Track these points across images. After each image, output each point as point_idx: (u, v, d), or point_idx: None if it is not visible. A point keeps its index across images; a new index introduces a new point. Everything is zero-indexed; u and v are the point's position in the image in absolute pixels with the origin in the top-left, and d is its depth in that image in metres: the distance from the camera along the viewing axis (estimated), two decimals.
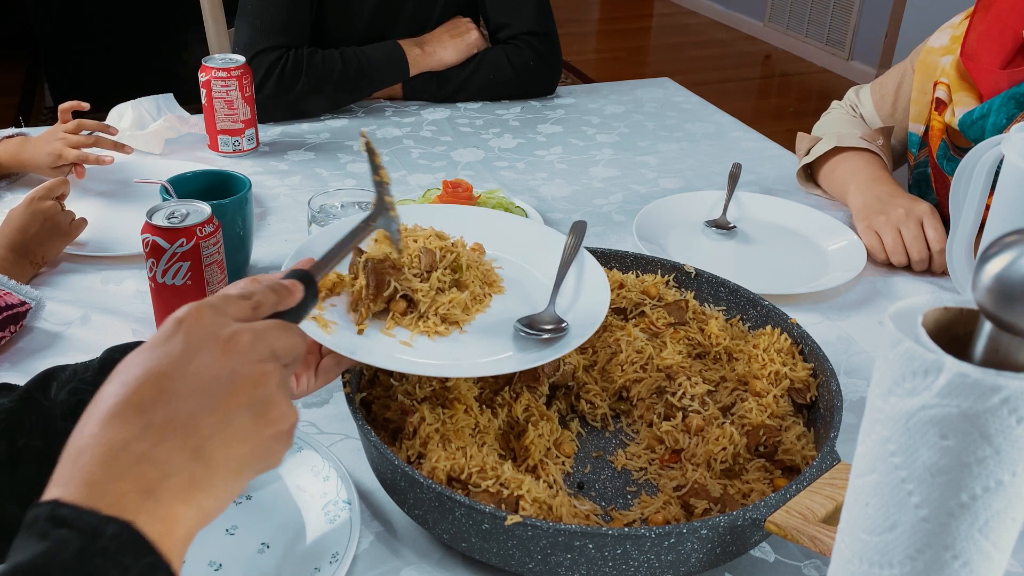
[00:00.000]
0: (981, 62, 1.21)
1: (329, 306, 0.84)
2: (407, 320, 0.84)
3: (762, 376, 0.89)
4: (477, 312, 0.86)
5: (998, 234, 0.38)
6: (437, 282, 0.85)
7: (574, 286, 0.91)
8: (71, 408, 0.65)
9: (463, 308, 0.85)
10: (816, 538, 0.66)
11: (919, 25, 3.94)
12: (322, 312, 0.82)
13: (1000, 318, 0.38)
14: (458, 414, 0.81)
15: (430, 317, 0.84)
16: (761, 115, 4.29)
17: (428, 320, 0.83)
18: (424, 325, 0.83)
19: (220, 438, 0.48)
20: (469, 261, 0.88)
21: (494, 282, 0.90)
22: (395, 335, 0.82)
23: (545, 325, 0.84)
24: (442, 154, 1.57)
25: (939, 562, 0.41)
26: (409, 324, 0.84)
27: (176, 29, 3.37)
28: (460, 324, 0.84)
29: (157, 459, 0.45)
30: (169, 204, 1.00)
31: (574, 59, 4.91)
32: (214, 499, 0.48)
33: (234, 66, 1.46)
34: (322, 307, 0.83)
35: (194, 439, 0.47)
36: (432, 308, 0.84)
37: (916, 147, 1.37)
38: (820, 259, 1.25)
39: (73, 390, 0.66)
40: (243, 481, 0.50)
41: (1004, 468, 0.39)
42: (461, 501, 0.68)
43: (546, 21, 1.77)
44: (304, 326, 0.77)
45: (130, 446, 0.46)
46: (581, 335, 0.82)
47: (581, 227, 0.96)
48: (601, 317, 0.85)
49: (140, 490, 0.44)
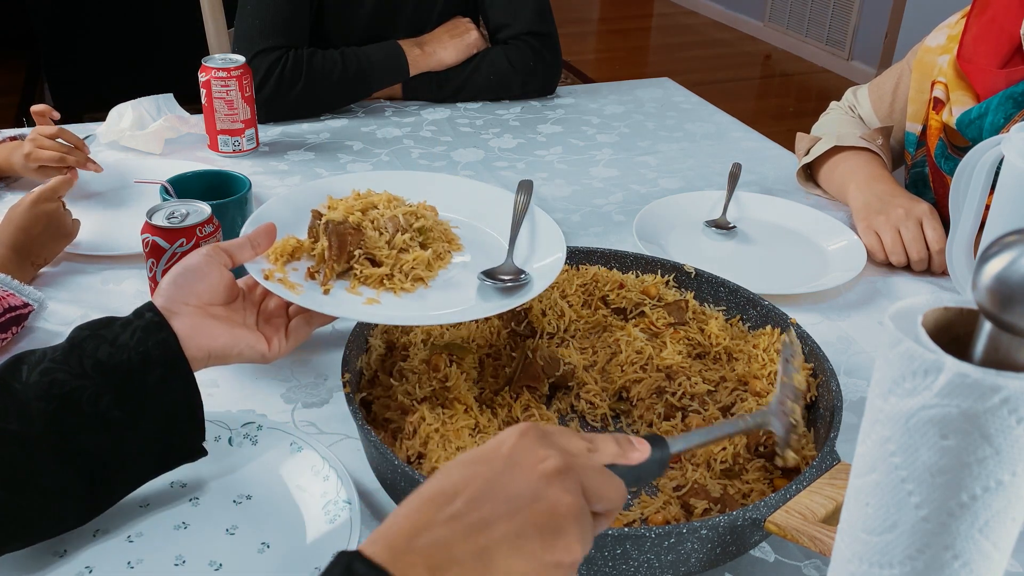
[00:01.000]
0: (977, 63, 1.21)
1: (291, 270, 0.86)
2: (372, 279, 0.87)
3: (762, 376, 0.89)
4: (440, 268, 0.90)
5: (998, 234, 0.38)
6: (401, 243, 0.88)
7: (529, 241, 0.95)
8: (44, 388, 0.67)
9: (426, 265, 0.89)
10: (816, 538, 0.66)
11: (919, 25, 3.94)
12: (286, 275, 0.84)
13: (1000, 318, 0.38)
14: (458, 414, 0.81)
15: (395, 275, 0.87)
16: (761, 115, 4.29)
17: (393, 278, 0.87)
18: (390, 283, 0.87)
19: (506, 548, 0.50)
20: (430, 223, 0.92)
21: (452, 240, 0.95)
22: (361, 294, 0.85)
23: (505, 275, 0.88)
24: (442, 154, 1.57)
25: (939, 562, 0.41)
26: (374, 284, 0.87)
27: (176, 29, 3.37)
28: (425, 280, 0.88)
29: (450, 547, 0.49)
30: (169, 204, 1.00)
31: (574, 59, 4.91)
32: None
33: (234, 66, 1.46)
34: (284, 270, 0.85)
35: (483, 540, 0.50)
36: (397, 266, 0.87)
37: (913, 147, 1.37)
38: (820, 259, 1.25)
39: (44, 371, 0.67)
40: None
41: (1004, 468, 0.39)
42: None
43: (546, 21, 1.77)
44: (270, 285, 0.82)
45: (432, 528, 0.50)
46: (542, 283, 0.87)
47: (528, 185, 1.01)
48: (559, 266, 0.89)
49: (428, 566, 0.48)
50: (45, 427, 0.66)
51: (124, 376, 0.69)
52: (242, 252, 0.81)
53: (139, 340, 0.70)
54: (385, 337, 0.92)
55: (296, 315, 0.84)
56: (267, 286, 0.82)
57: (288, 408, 0.94)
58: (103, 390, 0.68)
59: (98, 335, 0.70)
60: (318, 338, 1.04)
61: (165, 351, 0.71)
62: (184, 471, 0.80)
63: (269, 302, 0.84)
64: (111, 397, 0.68)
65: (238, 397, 0.95)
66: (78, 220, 1.20)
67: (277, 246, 0.86)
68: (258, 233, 0.83)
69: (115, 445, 0.69)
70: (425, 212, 0.93)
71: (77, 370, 0.68)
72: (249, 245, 0.82)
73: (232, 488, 0.80)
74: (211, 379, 0.96)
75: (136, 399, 0.69)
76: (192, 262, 0.78)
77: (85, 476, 0.68)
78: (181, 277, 0.76)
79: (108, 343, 0.70)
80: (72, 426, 0.67)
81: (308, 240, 0.88)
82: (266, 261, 0.85)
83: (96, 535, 0.75)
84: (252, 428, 0.85)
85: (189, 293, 0.76)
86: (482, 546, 0.49)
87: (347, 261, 0.86)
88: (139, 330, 0.71)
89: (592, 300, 1.00)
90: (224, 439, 0.85)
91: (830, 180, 1.41)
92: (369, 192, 0.95)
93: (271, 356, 0.80)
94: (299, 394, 0.96)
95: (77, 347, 0.69)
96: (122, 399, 0.69)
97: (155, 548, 0.74)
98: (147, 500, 0.78)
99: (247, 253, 0.82)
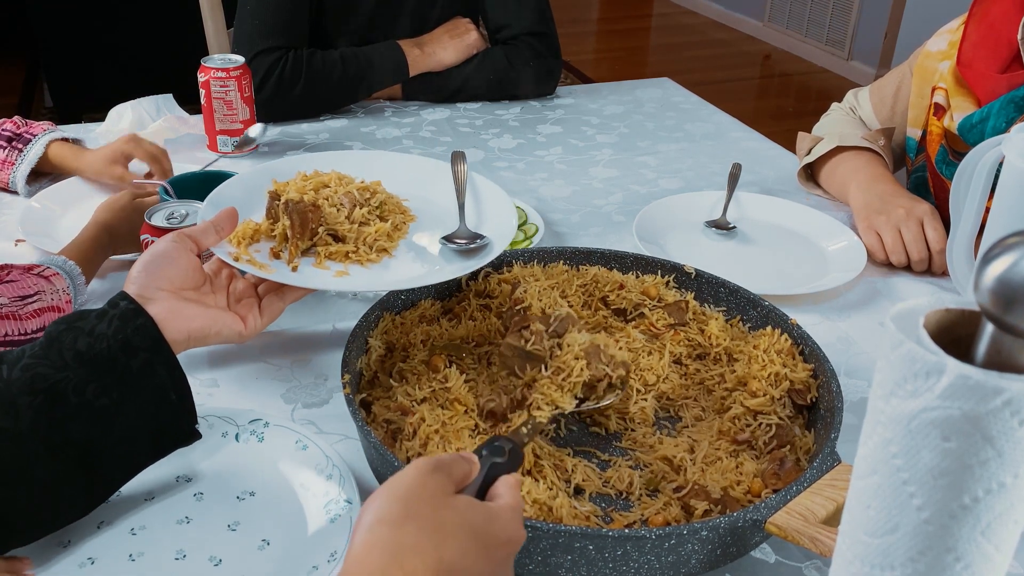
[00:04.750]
0: (977, 69, 1.21)
1: (255, 252, 0.89)
2: (338, 254, 0.91)
3: (762, 377, 0.88)
4: (400, 238, 0.95)
5: (998, 235, 0.38)
6: (360, 217, 0.93)
7: (475, 207, 1.01)
8: (27, 383, 0.68)
9: (387, 236, 0.94)
10: (817, 539, 0.66)
11: (919, 25, 3.94)
12: (252, 256, 0.88)
13: (1002, 320, 0.37)
14: (458, 415, 0.81)
15: (360, 248, 0.92)
16: (761, 115, 4.28)
17: (359, 251, 0.92)
18: (355, 256, 0.91)
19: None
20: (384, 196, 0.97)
21: (405, 212, 0.99)
22: (329, 268, 0.90)
23: (462, 239, 0.95)
24: (442, 154, 1.57)
25: (941, 564, 0.41)
26: (340, 258, 0.91)
27: (175, 29, 3.36)
28: (388, 250, 0.93)
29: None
30: (168, 204, 1.00)
31: (574, 59, 4.91)
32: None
33: (233, 66, 1.46)
34: (249, 252, 0.89)
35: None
36: (360, 239, 0.92)
37: (914, 152, 1.37)
38: (820, 259, 1.25)
39: (25, 367, 0.68)
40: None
41: (1006, 470, 0.39)
42: None
43: (546, 21, 1.77)
44: (241, 265, 0.85)
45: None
46: (501, 244, 0.93)
47: (460, 155, 1.06)
48: (513, 227, 0.95)
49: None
50: (33, 420, 0.67)
51: (106, 364, 0.70)
52: (207, 237, 0.84)
53: (117, 328, 0.71)
54: (385, 338, 0.91)
55: (267, 293, 0.87)
56: (240, 267, 0.85)
57: (288, 408, 0.93)
58: (87, 379, 0.69)
59: (75, 327, 0.71)
60: (318, 339, 1.04)
61: (145, 336, 0.72)
62: (189, 466, 0.81)
63: (237, 284, 0.87)
64: (96, 385, 0.69)
65: (238, 397, 0.95)
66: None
67: (238, 230, 0.89)
68: (220, 218, 0.85)
69: (105, 433, 0.69)
70: (376, 187, 0.97)
71: (58, 363, 0.68)
72: (213, 230, 0.84)
73: (236, 484, 0.81)
74: (211, 379, 0.96)
75: (121, 386, 0.70)
76: (160, 248, 0.79)
77: (79, 466, 0.69)
78: (152, 264, 0.78)
79: (86, 334, 0.70)
80: (59, 417, 0.68)
81: (267, 221, 0.92)
82: (230, 245, 0.88)
83: (100, 527, 0.75)
84: (259, 425, 0.86)
85: (161, 278, 0.77)
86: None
87: (310, 238, 0.90)
88: (115, 319, 0.72)
89: (592, 301, 1.00)
90: (231, 435, 0.85)
91: (831, 180, 1.41)
92: (316, 172, 0.98)
93: (248, 334, 0.83)
94: (299, 394, 0.95)
95: (55, 341, 0.70)
96: (107, 387, 0.69)
97: (157, 541, 0.75)
98: (152, 493, 0.79)
99: (212, 238, 0.84)
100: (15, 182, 1.34)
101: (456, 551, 0.53)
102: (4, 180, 1.34)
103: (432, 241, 0.96)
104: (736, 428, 0.85)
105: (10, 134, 1.34)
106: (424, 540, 0.52)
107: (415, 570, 0.51)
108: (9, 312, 0.91)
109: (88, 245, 1.07)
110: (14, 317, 0.92)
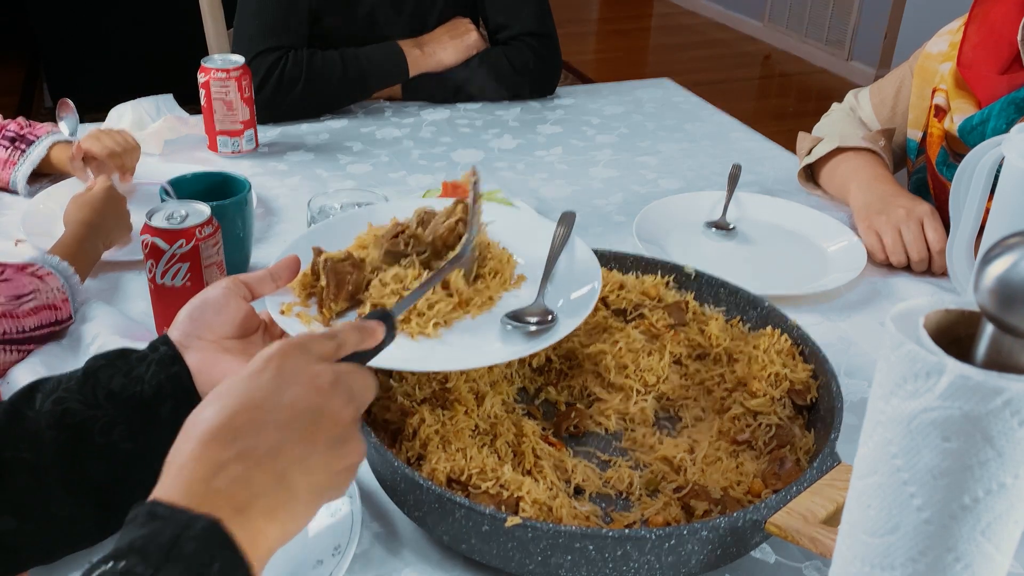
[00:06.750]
0: (977, 70, 1.21)
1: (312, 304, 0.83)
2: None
3: (762, 377, 0.88)
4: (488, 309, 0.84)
5: (998, 235, 0.38)
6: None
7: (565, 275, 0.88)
8: (56, 417, 0.66)
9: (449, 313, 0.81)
10: (817, 539, 0.66)
11: (919, 25, 3.94)
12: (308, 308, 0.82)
13: (1002, 320, 0.37)
14: (458, 416, 0.81)
15: (412, 319, 0.80)
16: (761, 115, 4.28)
17: (411, 323, 0.80)
18: (406, 327, 0.80)
19: (302, 467, 0.53)
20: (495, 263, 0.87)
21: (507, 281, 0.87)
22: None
23: (533, 317, 0.81)
24: (442, 155, 1.57)
25: (941, 564, 0.41)
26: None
27: (176, 29, 3.37)
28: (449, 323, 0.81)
29: (248, 481, 0.51)
30: (168, 205, 0.99)
31: (574, 59, 4.91)
32: (293, 521, 0.53)
33: (233, 67, 1.46)
34: (307, 304, 0.83)
35: (280, 466, 0.52)
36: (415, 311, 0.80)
37: (914, 154, 1.37)
38: (820, 260, 1.25)
39: (57, 399, 0.67)
40: (317, 507, 0.55)
41: (1006, 470, 0.39)
42: (461, 503, 0.68)
43: (546, 22, 1.77)
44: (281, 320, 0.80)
45: (226, 467, 0.51)
46: (568, 325, 0.80)
47: (570, 218, 0.93)
48: (589, 306, 0.82)
49: (232, 507, 0.50)
50: (55, 456, 0.66)
51: (136, 408, 0.68)
52: (263, 285, 0.79)
53: (153, 373, 0.70)
54: None
55: None
56: (278, 320, 0.79)
57: None
58: (115, 420, 0.67)
59: (113, 365, 0.70)
60: None
61: (177, 385, 0.70)
62: None
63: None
64: (123, 428, 0.67)
65: None
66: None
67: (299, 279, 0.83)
68: (280, 267, 0.81)
69: (125, 476, 0.68)
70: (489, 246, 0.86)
71: (90, 400, 0.67)
72: (270, 278, 0.80)
73: None
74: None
75: (147, 431, 0.68)
76: (210, 295, 0.76)
77: (95, 505, 0.68)
78: (197, 311, 0.75)
79: (123, 374, 0.69)
80: (82, 456, 0.66)
81: (311, 277, 0.84)
82: (291, 294, 0.82)
83: None
84: None
85: (204, 327, 0.74)
86: (279, 472, 0.52)
87: (347, 300, 0.82)
88: (154, 363, 0.70)
89: None
90: None
91: (831, 180, 1.41)
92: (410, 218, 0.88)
93: None
94: None
95: (91, 376, 0.69)
96: (135, 431, 0.68)
97: None
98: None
99: (268, 286, 0.80)
100: (16, 182, 1.34)
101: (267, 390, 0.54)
102: (5, 180, 1.35)
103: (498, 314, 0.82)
104: (736, 428, 0.85)
105: (14, 134, 1.35)
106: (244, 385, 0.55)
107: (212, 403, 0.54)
108: (6, 311, 0.92)
109: (76, 247, 1.06)
110: (11, 316, 0.92)
